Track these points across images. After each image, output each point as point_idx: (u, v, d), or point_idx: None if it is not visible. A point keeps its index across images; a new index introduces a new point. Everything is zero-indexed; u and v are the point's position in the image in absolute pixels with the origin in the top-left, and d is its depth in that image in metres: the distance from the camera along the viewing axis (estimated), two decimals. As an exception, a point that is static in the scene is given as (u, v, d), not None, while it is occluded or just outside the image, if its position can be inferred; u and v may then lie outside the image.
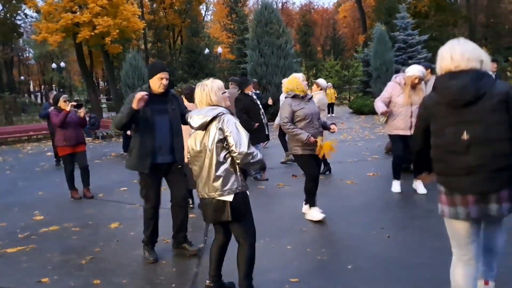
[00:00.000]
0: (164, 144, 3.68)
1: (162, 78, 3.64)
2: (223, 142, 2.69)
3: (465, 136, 2.07)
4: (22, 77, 49.47)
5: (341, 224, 4.45)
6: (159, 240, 4.20)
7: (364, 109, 19.05)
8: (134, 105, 3.43)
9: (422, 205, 4.93)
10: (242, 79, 7.01)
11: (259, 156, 2.74)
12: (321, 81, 7.28)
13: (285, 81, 9.10)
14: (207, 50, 29.40)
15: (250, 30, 20.21)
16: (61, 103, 6.09)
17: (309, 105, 4.56)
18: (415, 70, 5.15)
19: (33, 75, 54.95)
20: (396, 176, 5.48)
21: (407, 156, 5.22)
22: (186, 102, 5.02)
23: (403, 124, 5.17)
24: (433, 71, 6.36)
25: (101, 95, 36.26)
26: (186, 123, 3.04)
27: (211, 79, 2.89)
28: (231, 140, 2.66)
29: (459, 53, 2.11)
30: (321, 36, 47.22)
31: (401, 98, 5.16)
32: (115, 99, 22.29)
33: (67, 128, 6.02)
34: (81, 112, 6.12)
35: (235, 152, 2.66)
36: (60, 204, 6.04)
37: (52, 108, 6.39)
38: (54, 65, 32.58)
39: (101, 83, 48.45)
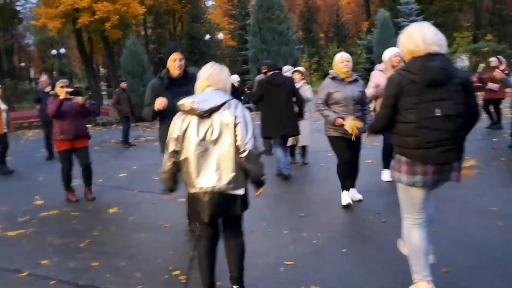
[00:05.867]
0: None
1: (175, 60, 3.58)
2: (234, 131, 2.44)
3: (438, 112, 2.30)
4: (22, 64, 49.25)
5: (338, 210, 4.47)
6: (157, 225, 4.27)
7: (366, 97, 18.97)
8: (156, 108, 3.51)
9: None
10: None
11: (261, 149, 2.56)
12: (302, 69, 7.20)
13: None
14: (208, 36, 29.14)
15: (251, 15, 20.01)
16: (57, 89, 5.14)
17: (347, 88, 4.39)
18: (392, 49, 5.12)
19: (33, 62, 54.72)
20: (387, 165, 5.36)
21: None
22: None
23: None
24: None
25: (102, 82, 36.13)
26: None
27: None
28: (239, 130, 2.44)
29: (431, 37, 2.34)
30: (324, 22, 46.65)
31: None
32: (115, 86, 22.25)
33: (64, 118, 5.08)
34: (79, 99, 5.15)
35: (242, 144, 2.44)
36: (60, 189, 6.02)
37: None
38: (54, 52, 32.40)
39: (102, 69, 48.24)
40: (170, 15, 34.88)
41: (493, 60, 8.56)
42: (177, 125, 2.51)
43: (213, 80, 2.54)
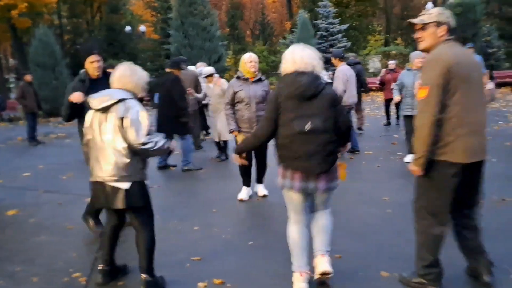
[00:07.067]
0: None
1: (93, 62, 3.66)
2: (123, 127, 2.60)
3: (308, 126, 2.48)
4: None
5: (250, 203, 4.63)
6: (61, 227, 4.07)
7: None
8: (71, 98, 3.49)
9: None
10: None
11: (160, 143, 2.67)
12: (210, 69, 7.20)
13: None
14: (128, 28, 27.87)
15: (173, 9, 19.61)
16: None
17: (251, 87, 4.53)
18: None
19: None
20: None
21: None
22: None
23: None
24: (342, 59, 6.72)
25: (11, 74, 33.02)
26: None
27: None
28: (129, 128, 2.58)
29: (300, 57, 2.56)
30: (250, 20, 47.17)
31: None
32: (21, 79, 20.44)
33: None
34: None
35: (133, 141, 2.59)
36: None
37: None
38: (-49, 38, 28.81)
39: (11, 60, 43.92)
40: (87, 5, 32.82)
41: (391, 63, 9.76)
42: (87, 117, 2.77)
43: (121, 81, 2.73)
